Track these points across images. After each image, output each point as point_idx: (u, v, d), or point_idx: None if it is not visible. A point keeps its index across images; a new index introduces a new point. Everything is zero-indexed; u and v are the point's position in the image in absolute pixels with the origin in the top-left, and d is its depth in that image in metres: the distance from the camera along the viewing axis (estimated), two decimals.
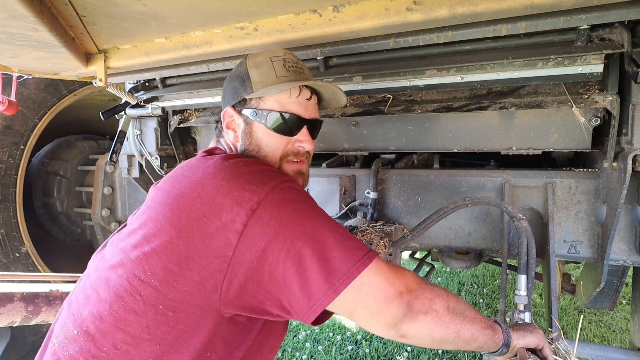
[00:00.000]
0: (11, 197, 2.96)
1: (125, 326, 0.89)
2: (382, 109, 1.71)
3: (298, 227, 0.88)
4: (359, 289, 0.87)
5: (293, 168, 1.18)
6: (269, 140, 1.14)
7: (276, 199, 0.89)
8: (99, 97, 3.51)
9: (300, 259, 0.86)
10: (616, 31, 1.21)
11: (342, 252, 0.88)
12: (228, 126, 1.19)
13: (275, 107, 1.14)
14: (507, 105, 1.52)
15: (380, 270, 0.90)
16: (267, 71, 1.14)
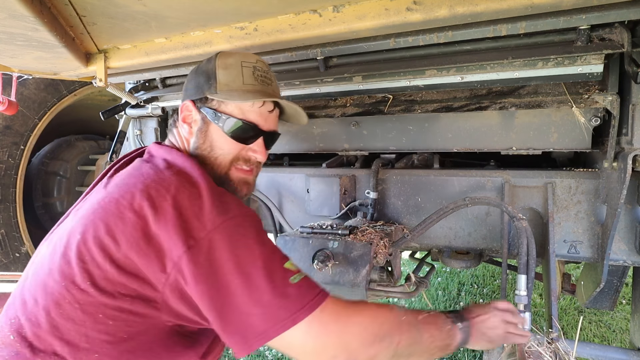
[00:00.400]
0: (11, 197, 2.96)
1: (62, 334, 0.88)
2: (382, 109, 1.71)
3: (228, 276, 0.87)
4: (287, 348, 0.89)
5: (240, 176, 1.18)
6: (223, 144, 1.14)
7: (215, 240, 0.88)
8: (99, 97, 3.51)
9: (224, 310, 0.87)
10: (616, 31, 1.21)
11: (265, 310, 0.86)
12: (184, 119, 1.18)
13: (235, 113, 1.13)
14: (507, 105, 1.51)
15: (310, 331, 0.87)
16: (235, 75, 1.13)
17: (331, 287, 1.42)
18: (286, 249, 1.53)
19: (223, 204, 0.94)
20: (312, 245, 1.48)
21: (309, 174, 1.90)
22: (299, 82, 1.66)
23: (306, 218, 1.94)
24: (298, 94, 1.75)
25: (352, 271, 1.39)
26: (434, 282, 4.31)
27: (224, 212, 0.92)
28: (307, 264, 1.45)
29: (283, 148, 2.01)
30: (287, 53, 1.43)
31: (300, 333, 0.87)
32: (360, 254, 1.40)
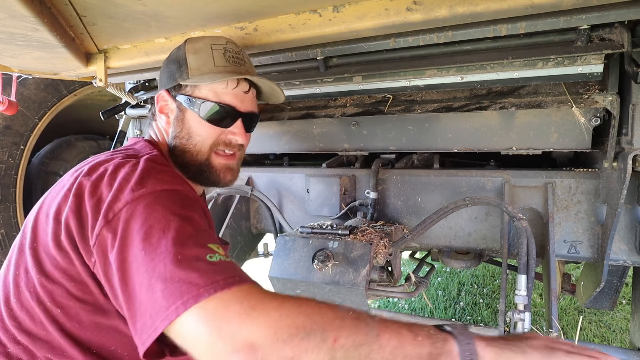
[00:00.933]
0: (11, 197, 2.96)
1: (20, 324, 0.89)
2: (382, 109, 1.71)
3: (136, 248, 0.78)
4: (182, 337, 0.71)
5: (221, 162, 1.15)
6: (200, 130, 1.12)
7: (130, 213, 0.82)
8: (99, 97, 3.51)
9: (131, 285, 0.77)
10: (616, 31, 1.21)
11: (167, 285, 0.72)
12: (161, 110, 1.17)
13: (210, 96, 1.11)
14: (507, 105, 1.52)
15: (205, 316, 0.68)
16: (205, 59, 1.11)
17: (331, 287, 1.42)
18: (286, 249, 1.53)
19: (150, 178, 0.89)
20: (312, 245, 1.48)
21: (309, 174, 1.90)
22: (299, 82, 1.66)
23: (306, 218, 1.94)
24: (298, 94, 1.75)
25: (352, 271, 1.39)
26: (434, 282, 4.31)
27: (149, 184, 0.87)
28: (307, 264, 1.46)
29: (283, 148, 2.01)
30: (287, 53, 1.43)
31: (195, 317, 0.69)
32: (360, 254, 1.40)
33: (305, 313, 0.71)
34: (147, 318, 0.73)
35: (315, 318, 0.71)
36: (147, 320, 0.73)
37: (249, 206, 2.19)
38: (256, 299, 0.71)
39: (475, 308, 3.76)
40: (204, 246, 0.79)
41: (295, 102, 1.91)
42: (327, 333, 0.69)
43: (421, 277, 1.58)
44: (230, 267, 0.78)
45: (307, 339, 0.67)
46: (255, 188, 2.06)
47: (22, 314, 0.89)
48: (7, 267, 0.95)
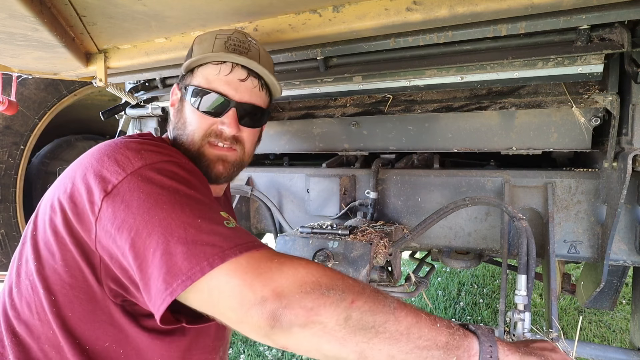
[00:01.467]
0: (11, 197, 2.96)
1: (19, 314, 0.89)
2: (382, 109, 1.71)
3: (146, 214, 0.76)
4: (208, 294, 0.73)
5: (215, 152, 1.08)
6: (192, 119, 1.07)
7: (134, 182, 0.80)
8: (99, 97, 3.51)
9: (144, 252, 0.75)
10: (616, 31, 1.21)
11: (190, 248, 0.73)
12: (172, 104, 1.15)
13: (201, 83, 1.07)
14: (507, 105, 1.52)
15: (237, 269, 0.72)
16: (206, 47, 1.08)
17: None
18: (286, 249, 1.53)
19: (152, 152, 0.87)
20: (312, 245, 1.48)
21: (309, 174, 1.90)
22: (299, 82, 1.66)
23: (306, 218, 1.94)
24: (298, 94, 1.75)
25: (352, 271, 1.39)
26: (434, 282, 4.31)
27: (150, 157, 0.85)
28: None
29: (283, 148, 2.01)
30: (287, 53, 1.43)
31: (225, 272, 0.72)
32: (360, 254, 1.40)
33: (329, 275, 0.75)
34: (160, 282, 0.73)
35: (337, 281, 0.75)
36: (161, 284, 0.73)
37: (249, 206, 2.19)
38: (285, 258, 0.76)
39: (475, 308, 3.77)
40: (218, 213, 0.81)
41: (295, 102, 1.91)
42: (347, 294, 0.73)
43: (421, 277, 1.58)
44: (247, 233, 0.80)
45: (327, 295, 0.72)
46: (255, 188, 2.06)
47: (21, 304, 0.89)
48: (13, 260, 0.96)
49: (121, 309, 0.89)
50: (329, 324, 0.70)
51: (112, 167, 0.83)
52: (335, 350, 0.72)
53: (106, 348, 0.89)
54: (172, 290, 0.72)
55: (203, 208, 0.80)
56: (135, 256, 0.76)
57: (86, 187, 0.82)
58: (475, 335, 0.77)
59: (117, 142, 0.90)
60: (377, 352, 0.71)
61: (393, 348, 0.71)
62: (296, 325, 0.70)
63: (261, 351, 3.26)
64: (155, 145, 0.92)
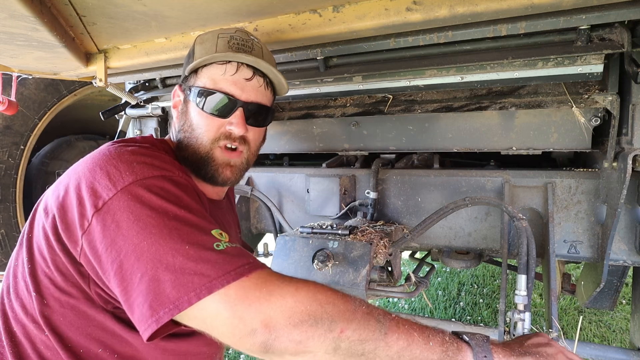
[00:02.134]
0: (11, 197, 2.96)
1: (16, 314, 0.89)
2: (382, 109, 1.71)
3: (135, 238, 0.76)
4: (202, 320, 0.75)
5: (223, 156, 1.06)
6: (200, 121, 1.05)
7: (123, 201, 0.79)
8: (99, 97, 3.51)
9: (130, 276, 0.76)
10: (616, 31, 1.21)
11: (177, 276, 0.73)
12: (174, 106, 1.13)
13: (207, 84, 1.05)
14: (507, 105, 1.52)
15: (226, 302, 0.73)
16: (209, 47, 1.06)
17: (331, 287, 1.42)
18: (286, 248, 1.53)
19: (144, 165, 0.86)
20: (312, 245, 1.48)
21: (309, 174, 1.90)
22: (299, 82, 1.66)
23: (306, 218, 1.94)
24: (298, 94, 1.75)
25: (352, 271, 1.39)
26: (434, 282, 4.31)
27: (141, 172, 0.84)
28: (307, 264, 1.46)
29: (283, 148, 2.01)
30: (287, 53, 1.43)
31: (215, 302, 0.73)
32: (360, 254, 1.40)
33: (319, 302, 0.75)
34: (146, 309, 0.74)
35: (327, 308, 0.75)
36: (147, 310, 0.74)
37: (249, 206, 2.19)
38: (273, 285, 0.76)
39: (475, 308, 3.76)
40: (208, 234, 0.80)
41: (295, 102, 1.91)
42: (336, 324, 0.74)
43: (421, 277, 1.58)
44: (238, 253, 0.80)
45: (316, 326, 0.73)
46: (255, 188, 2.06)
47: (18, 305, 0.90)
48: (11, 260, 0.96)
49: (113, 315, 0.88)
50: (318, 353, 0.73)
51: (104, 180, 0.82)
52: None
53: (99, 354, 0.88)
54: (158, 317, 0.73)
55: (192, 232, 0.79)
56: (122, 279, 0.77)
57: (77, 198, 0.82)
58: (469, 346, 0.78)
59: (112, 151, 0.88)
60: None
61: None
62: (287, 353, 0.73)
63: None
64: (150, 155, 0.90)
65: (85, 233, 0.80)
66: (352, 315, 0.76)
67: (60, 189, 0.86)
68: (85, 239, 0.80)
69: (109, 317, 0.88)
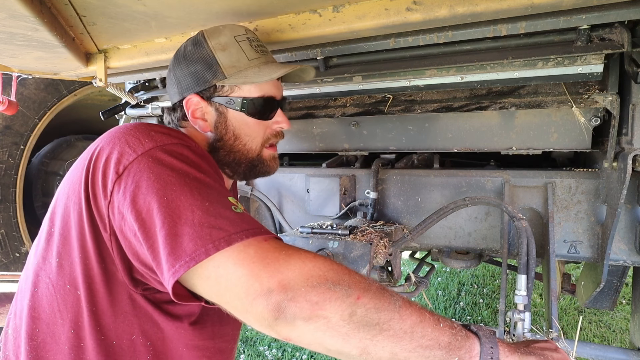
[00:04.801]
0: (11, 197, 2.96)
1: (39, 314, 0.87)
2: (382, 109, 1.71)
3: (155, 195, 0.77)
4: (216, 281, 0.73)
5: (270, 153, 1.14)
6: (248, 129, 1.08)
7: (144, 163, 0.80)
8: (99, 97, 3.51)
9: (153, 232, 0.76)
10: (616, 31, 1.21)
11: (196, 230, 0.74)
12: (194, 115, 1.08)
13: (253, 92, 1.07)
14: (507, 105, 1.52)
15: (244, 258, 0.73)
16: (237, 54, 1.05)
17: None
18: None
19: (162, 134, 0.88)
20: (312, 245, 1.48)
21: (309, 174, 1.90)
22: (299, 82, 1.66)
23: (306, 218, 1.94)
24: (298, 93, 1.75)
25: None
26: (434, 282, 4.31)
27: (160, 139, 0.85)
28: None
29: (283, 148, 2.01)
30: (287, 53, 1.43)
31: (232, 258, 0.72)
32: (360, 254, 1.40)
33: (336, 270, 0.75)
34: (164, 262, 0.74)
35: (344, 277, 0.75)
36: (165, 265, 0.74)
37: (249, 206, 2.19)
38: (292, 250, 0.77)
39: (475, 308, 3.77)
40: (226, 197, 0.82)
41: (295, 102, 1.91)
42: (352, 290, 0.73)
43: (421, 277, 1.58)
44: (255, 221, 0.81)
45: (333, 290, 0.72)
46: (255, 188, 2.06)
47: (42, 304, 0.88)
48: (28, 261, 0.94)
49: (143, 298, 0.88)
50: (333, 318, 0.70)
51: (124, 148, 0.83)
52: (338, 345, 0.72)
53: (132, 341, 0.88)
54: (174, 270, 0.72)
55: (211, 192, 0.80)
56: (146, 237, 0.77)
57: (101, 172, 0.83)
58: (476, 336, 0.78)
59: (127, 125, 0.90)
60: (379, 349, 0.72)
61: (396, 346, 0.72)
62: (300, 318, 0.70)
63: (261, 351, 3.26)
64: (166, 128, 0.93)
65: (110, 203, 0.81)
66: (368, 285, 0.75)
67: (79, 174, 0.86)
68: (111, 208, 0.81)
69: (140, 299, 0.88)
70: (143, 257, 0.82)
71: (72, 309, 0.85)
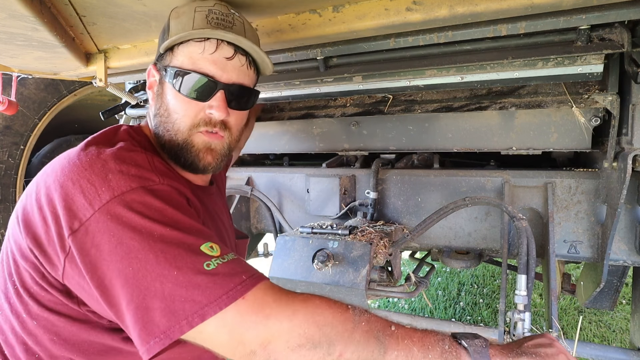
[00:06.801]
0: (11, 197, 2.96)
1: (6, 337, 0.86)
2: (382, 109, 1.71)
3: (119, 263, 0.72)
4: (202, 341, 0.74)
5: (203, 140, 0.98)
6: (177, 105, 0.96)
7: (102, 222, 0.73)
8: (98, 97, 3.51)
9: (118, 302, 0.73)
10: (616, 31, 1.21)
11: (167, 304, 0.71)
12: (149, 87, 1.03)
13: (185, 64, 0.95)
14: (507, 105, 1.52)
15: (223, 326, 0.72)
16: (186, 22, 0.96)
17: (331, 287, 1.42)
18: (286, 248, 1.53)
19: (120, 175, 0.78)
20: (312, 245, 1.48)
21: (309, 174, 1.90)
22: (299, 82, 1.66)
23: (306, 218, 1.94)
24: (298, 93, 1.75)
25: (352, 271, 1.39)
26: (434, 282, 4.31)
27: (118, 185, 0.76)
28: (307, 264, 1.46)
29: (283, 148, 2.01)
30: (287, 53, 1.43)
31: (212, 327, 0.72)
32: (360, 254, 1.40)
33: (317, 324, 0.75)
34: (136, 338, 0.73)
35: (325, 330, 0.75)
36: (137, 339, 0.73)
37: (249, 206, 2.19)
38: (270, 308, 0.75)
39: (475, 308, 3.76)
40: (197, 252, 0.76)
41: (295, 102, 1.91)
42: (334, 347, 0.74)
43: (421, 277, 1.58)
44: (230, 271, 0.76)
45: (314, 350, 0.73)
46: (255, 188, 2.06)
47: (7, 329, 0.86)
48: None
49: (110, 329, 0.85)
50: None
51: (79, 198, 0.75)
52: None
53: None
54: (148, 347, 0.71)
55: (180, 253, 0.74)
56: (111, 305, 0.75)
57: (53, 217, 0.77)
58: (467, 352, 0.79)
59: (83, 160, 0.80)
60: None
61: None
62: None
63: None
64: (124, 160, 0.82)
65: (66, 256, 0.76)
66: (350, 336, 0.75)
67: (33, 203, 0.81)
68: (67, 262, 0.76)
69: (105, 332, 0.85)
70: (107, 315, 0.80)
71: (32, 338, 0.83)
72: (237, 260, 0.80)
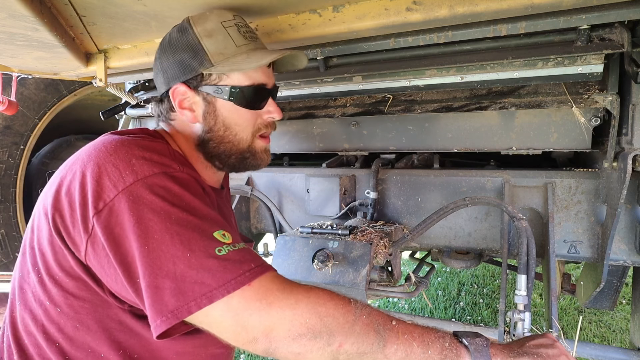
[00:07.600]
0: (11, 197, 2.96)
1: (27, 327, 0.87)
2: (382, 109, 1.71)
3: (136, 242, 0.76)
4: (207, 324, 0.77)
5: (262, 144, 1.09)
6: (238, 118, 1.03)
7: (125, 203, 0.77)
8: (98, 97, 3.51)
9: (135, 279, 0.77)
10: (616, 31, 1.21)
11: (178, 284, 0.74)
12: (181, 105, 1.03)
13: (242, 80, 1.01)
14: (507, 105, 1.52)
15: (228, 310, 0.75)
16: (224, 40, 0.99)
17: (331, 287, 1.42)
18: (286, 248, 1.53)
19: (144, 160, 0.82)
20: (312, 245, 1.48)
21: (309, 174, 1.90)
22: (299, 82, 1.66)
23: (306, 218, 1.94)
24: (298, 94, 1.75)
25: (352, 271, 1.39)
26: (434, 282, 4.31)
27: (141, 170, 0.80)
28: (307, 264, 1.46)
29: (283, 148, 2.01)
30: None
31: (218, 310, 0.75)
32: (360, 254, 1.40)
33: (318, 315, 0.77)
34: (150, 313, 0.76)
35: (326, 321, 0.77)
36: (150, 315, 0.76)
37: (249, 206, 2.19)
38: (274, 296, 0.77)
39: (475, 308, 3.76)
40: (210, 238, 0.79)
41: (295, 102, 1.91)
42: (334, 338, 0.76)
43: (421, 277, 1.58)
44: (240, 258, 0.79)
45: (314, 340, 0.75)
46: (255, 188, 2.06)
47: (27, 318, 0.87)
48: (15, 272, 0.93)
49: (130, 313, 0.87)
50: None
51: (103, 180, 0.79)
52: None
53: (120, 355, 0.87)
54: (157, 324, 0.74)
55: (194, 237, 0.78)
56: (130, 282, 0.78)
57: (80, 198, 0.80)
58: (468, 350, 0.80)
59: (108, 147, 0.84)
60: None
61: None
62: None
63: None
64: (147, 148, 0.86)
65: (89, 237, 0.79)
66: (351, 328, 0.77)
67: (59, 189, 0.84)
68: (90, 242, 0.80)
69: (127, 315, 0.87)
70: (128, 295, 0.82)
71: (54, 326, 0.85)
72: (247, 250, 0.83)
